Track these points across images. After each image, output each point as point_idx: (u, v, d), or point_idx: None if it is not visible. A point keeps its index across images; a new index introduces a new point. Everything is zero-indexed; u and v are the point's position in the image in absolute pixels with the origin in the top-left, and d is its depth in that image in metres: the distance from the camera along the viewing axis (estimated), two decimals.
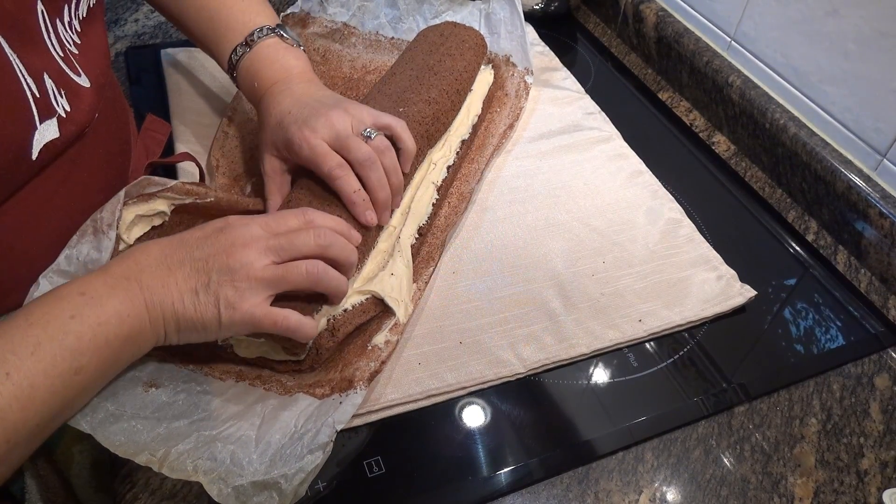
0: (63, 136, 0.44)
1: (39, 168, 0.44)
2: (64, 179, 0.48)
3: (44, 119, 0.42)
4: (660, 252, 0.64)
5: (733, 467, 0.52)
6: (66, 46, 0.46)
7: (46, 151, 0.43)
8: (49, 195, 0.47)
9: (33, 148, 0.41)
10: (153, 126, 0.67)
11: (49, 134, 0.42)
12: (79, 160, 0.49)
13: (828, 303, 0.64)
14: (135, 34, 0.85)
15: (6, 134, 0.39)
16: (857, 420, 0.56)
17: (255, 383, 0.50)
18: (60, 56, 0.45)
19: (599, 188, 0.70)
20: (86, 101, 0.47)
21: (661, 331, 0.58)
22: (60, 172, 0.48)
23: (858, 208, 0.67)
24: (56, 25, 0.45)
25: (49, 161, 0.44)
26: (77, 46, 0.48)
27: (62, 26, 0.46)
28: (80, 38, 0.48)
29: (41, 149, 0.42)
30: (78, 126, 0.45)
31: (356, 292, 0.53)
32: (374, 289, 0.53)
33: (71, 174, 0.48)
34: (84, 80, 0.47)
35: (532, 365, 0.54)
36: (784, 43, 0.75)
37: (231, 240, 0.45)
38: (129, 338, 0.41)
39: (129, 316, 0.41)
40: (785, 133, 0.73)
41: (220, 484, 0.43)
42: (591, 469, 0.51)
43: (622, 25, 0.95)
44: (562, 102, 0.80)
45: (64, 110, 0.43)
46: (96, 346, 0.40)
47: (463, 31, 0.75)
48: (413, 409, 0.52)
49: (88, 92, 0.47)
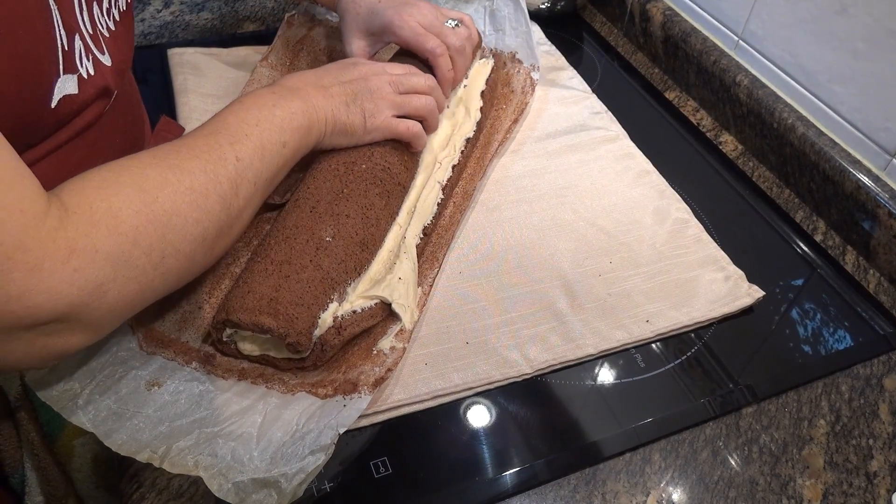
0: (81, 95, 0.46)
1: (56, 123, 0.46)
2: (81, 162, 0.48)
3: (67, 71, 0.45)
4: (667, 252, 0.64)
5: (741, 469, 0.51)
6: (97, 27, 0.49)
7: (64, 105, 0.45)
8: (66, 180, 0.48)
9: (54, 95, 0.44)
10: (167, 127, 0.67)
11: (68, 87, 0.45)
12: (97, 145, 0.51)
13: (836, 303, 0.64)
14: (141, 34, 0.85)
15: (39, 71, 0.42)
16: (867, 421, 0.55)
17: (258, 381, 0.50)
18: (90, 34, 0.48)
19: (606, 188, 0.70)
20: (106, 75, 0.50)
21: (668, 331, 0.58)
22: (79, 154, 0.49)
23: (867, 208, 0.67)
24: (92, 8, 0.49)
25: (66, 118, 0.46)
26: (111, 32, 0.52)
27: (99, 11, 0.50)
28: (115, 26, 0.52)
29: (60, 99, 0.44)
30: (96, 90, 0.48)
31: (363, 296, 0.53)
32: (383, 294, 0.53)
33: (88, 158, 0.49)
34: (107, 58, 0.50)
35: (539, 365, 0.54)
36: (792, 42, 0.75)
37: (366, 71, 0.60)
38: (309, 127, 0.53)
39: (307, 111, 0.53)
40: (793, 133, 0.73)
41: (221, 479, 0.43)
42: (598, 470, 0.50)
43: (629, 24, 0.95)
44: (568, 102, 0.79)
45: (87, 72, 0.47)
46: (292, 129, 0.52)
47: None
48: (420, 410, 0.52)
49: (109, 69, 0.50)
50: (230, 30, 0.89)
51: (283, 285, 0.49)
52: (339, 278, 0.51)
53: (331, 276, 0.51)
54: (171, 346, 0.51)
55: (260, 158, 0.49)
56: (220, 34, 0.87)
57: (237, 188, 0.46)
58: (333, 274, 0.51)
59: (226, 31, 0.88)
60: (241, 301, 0.48)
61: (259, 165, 0.48)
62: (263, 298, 0.48)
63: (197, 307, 0.54)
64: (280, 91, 0.53)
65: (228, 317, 0.48)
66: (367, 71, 0.60)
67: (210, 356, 0.51)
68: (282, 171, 0.52)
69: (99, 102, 0.50)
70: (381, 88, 0.59)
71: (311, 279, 0.50)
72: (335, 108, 0.55)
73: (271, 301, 0.48)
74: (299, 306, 0.48)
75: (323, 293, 0.50)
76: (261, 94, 0.53)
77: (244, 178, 0.47)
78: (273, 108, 0.51)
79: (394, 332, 0.53)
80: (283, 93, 0.53)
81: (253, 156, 0.48)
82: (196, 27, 0.88)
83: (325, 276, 0.50)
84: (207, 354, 0.51)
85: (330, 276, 0.51)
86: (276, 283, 0.49)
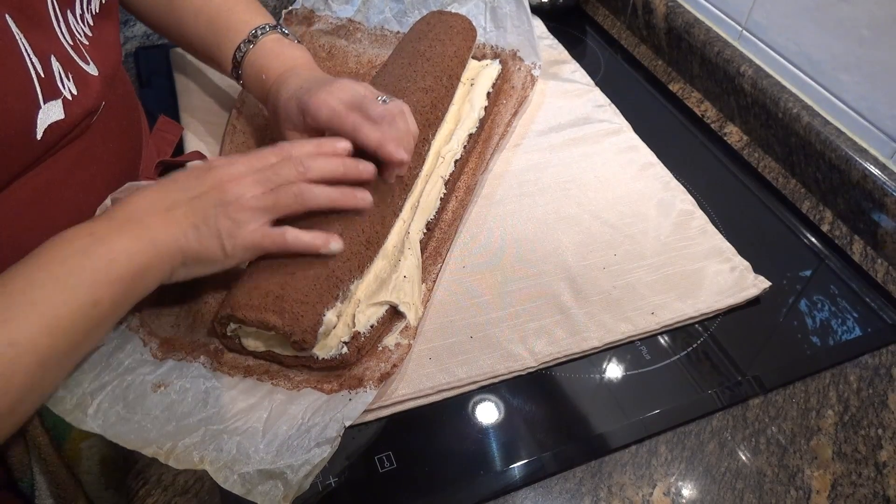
0: (69, 119, 0.45)
1: (45, 150, 0.44)
2: (73, 169, 0.48)
3: (48, 99, 0.43)
4: (672, 244, 0.64)
5: (749, 460, 0.51)
6: (76, 36, 0.48)
7: (52, 132, 0.43)
8: (58, 188, 0.48)
9: (38, 127, 0.42)
10: (165, 127, 0.67)
11: (53, 114, 0.43)
12: (88, 153, 0.50)
13: (844, 293, 0.63)
14: (144, 34, 0.86)
15: (10, 110, 0.40)
16: (875, 411, 0.55)
17: (263, 378, 0.50)
18: (70, 44, 0.46)
19: (610, 181, 0.69)
20: (93, 88, 0.48)
21: (673, 323, 0.58)
22: (69, 163, 0.48)
23: (874, 197, 0.66)
24: (66, 16, 0.46)
25: (55, 143, 0.45)
26: (88, 38, 0.49)
27: (73, 18, 0.47)
28: (91, 31, 0.50)
29: (46, 129, 0.43)
30: (84, 110, 0.46)
31: (374, 304, 0.53)
32: (392, 298, 0.53)
33: (79, 167, 0.49)
34: (92, 68, 0.48)
35: (543, 359, 0.54)
36: (796, 31, 0.74)
37: (220, 177, 0.48)
38: (138, 273, 0.44)
39: (137, 252, 0.43)
40: (798, 122, 0.72)
41: (226, 471, 0.44)
42: (605, 463, 0.50)
43: (631, 17, 0.94)
44: (571, 95, 0.79)
45: (70, 93, 0.45)
46: (109, 281, 0.42)
47: (449, 17, 0.74)
48: (424, 404, 0.52)
49: (96, 80, 0.48)
50: None
51: (288, 282, 0.49)
52: (343, 277, 0.51)
53: (336, 275, 0.51)
54: (183, 347, 0.51)
55: (50, 333, 0.39)
56: None
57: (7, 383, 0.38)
58: (339, 272, 0.51)
59: None
60: (247, 297, 0.48)
61: (47, 342, 0.39)
62: (269, 295, 0.48)
63: (204, 304, 0.54)
64: (101, 229, 0.44)
65: (233, 312, 0.48)
66: (221, 176, 0.48)
67: (218, 351, 0.51)
68: (97, 331, 0.44)
69: (88, 118, 0.48)
70: (240, 197, 0.47)
71: (316, 277, 0.50)
72: (182, 237, 0.46)
73: (277, 298, 0.48)
74: (304, 304, 0.48)
75: (328, 291, 0.50)
76: (71, 238, 0.43)
77: (19, 367, 0.38)
78: (82, 259, 0.42)
79: (399, 328, 0.53)
80: (104, 232, 0.43)
81: (37, 334, 0.39)
82: None
83: (330, 275, 0.50)
84: (216, 349, 0.51)
85: (335, 275, 0.51)
86: (281, 280, 0.49)
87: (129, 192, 0.52)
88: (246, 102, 0.72)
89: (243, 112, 0.71)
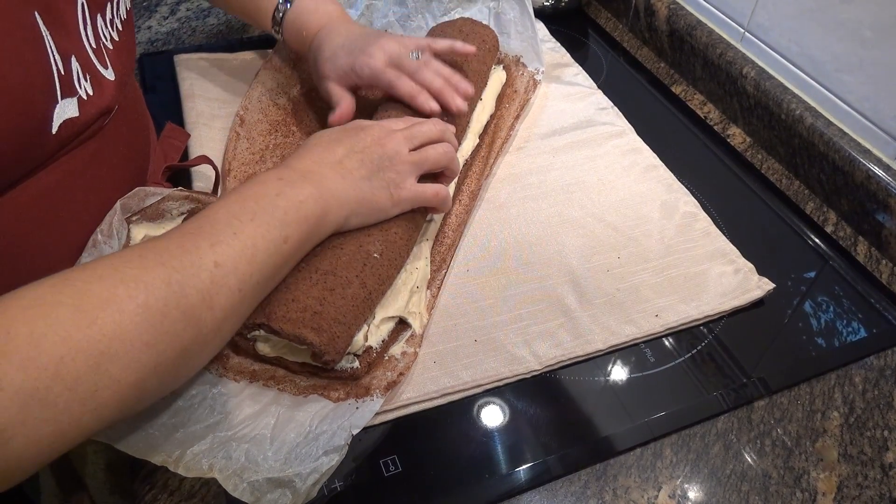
0: (83, 117, 0.46)
1: (59, 146, 0.45)
2: (84, 170, 0.49)
3: (65, 96, 0.44)
4: (676, 246, 0.64)
5: (754, 462, 0.51)
6: (101, 41, 0.49)
7: (66, 128, 0.44)
8: (69, 188, 0.48)
9: (53, 121, 0.43)
10: (172, 134, 0.68)
11: (68, 111, 0.44)
12: (99, 155, 0.51)
13: (848, 295, 0.63)
14: (148, 41, 0.86)
15: (33, 101, 0.41)
16: (881, 413, 0.55)
17: (269, 384, 0.50)
18: (93, 48, 0.48)
19: (613, 183, 0.70)
20: (108, 92, 0.49)
21: (678, 325, 0.58)
22: (81, 164, 0.49)
23: (878, 198, 0.66)
24: (96, 20, 0.48)
25: (69, 140, 0.46)
26: (114, 43, 0.51)
27: (103, 22, 0.49)
28: (119, 36, 0.52)
29: (61, 124, 0.44)
30: (98, 110, 0.47)
31: (387, 319, 0.53)
32: (404, 313, 0.53)
33: (91, 168, 0.50)
34: (110, 72, 0.50)
35: (548, 362, 0.54)
36: (798, 32, 0.74)
37: (376, 134, 0.53)
38: (321, 216, 0.48)
39: (320, 198, 0.48)
40: (801, 124, 0.72)
41: (236, 479, 0.44)
42: (609, 465, 0.50)
43: (634, 19, 0.94)
44: (574, 98, 0.79)
45: (86, 93, 0.46)
46: (297, 220, 0.46)
47: (482, 30, 0.74)
48: (429, 408, 0.52)
49: (112, 84, 0.50)
50: (236, 35, 0.89)
51: (327, 299, 0.48)
52: (377, 300, 0.51)
53: (372, 298, 0.50)
54: None
55: (249, 260, 0.43)
56: (227, 39, 0.88)
57: (211, 300, 0.40)
58: (374, 296, 0.50)
59: (232, 36, 0.89)
60: (285, 309, 0.47)
61: (247, 269, 0.43)
62: (308, 310, 0.47)
63: None
64: (288, 175, 0.48)
65: (269, 323, 0.46)
66: (378, 133, 0.53)
67: (224, 356, 0.51)
68: (283, 269, 0.47)
69: (101, 119, 0.49)
70: (398, 152, 0.53)
71: (355, 297, 0.49)
72: (356, 187, 0.50)
73: (315, 315, 0.47)
74: (341, 324, 0.47)
75: (362, 314, 0.49)
76: (264, 181, 0.47)
77: (223, 286, 0.41)
78: (276, 198, 0.46)
79: (405, 337, 0.53)
80: (291, 178, 0.48)
81: (238, 258, 0.42)
82: (203, 33, 0.89)
83: (367, 296, 0.50)
84: (222, 354, 0.51)
85: (371, 298, 0.50)
86: (320, 294, 0.48)
87: (140, 197, 0.52)
88: (249, 109, 0.72)
89: (246, 119, 0.71)
